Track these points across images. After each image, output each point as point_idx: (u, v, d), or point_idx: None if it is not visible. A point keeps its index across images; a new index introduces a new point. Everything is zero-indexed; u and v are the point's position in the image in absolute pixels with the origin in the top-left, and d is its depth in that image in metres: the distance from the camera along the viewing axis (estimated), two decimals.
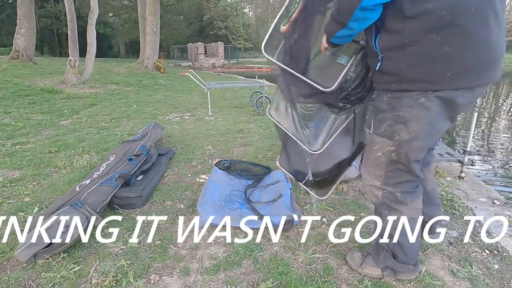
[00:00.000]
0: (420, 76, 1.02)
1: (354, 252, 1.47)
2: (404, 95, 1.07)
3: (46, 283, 1.34)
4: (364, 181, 1.30)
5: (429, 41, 0.97)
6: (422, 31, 0.98)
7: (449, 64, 0.98)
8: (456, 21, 0.95)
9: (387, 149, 1.16)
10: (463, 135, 4.95)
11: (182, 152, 3.01)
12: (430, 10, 0.95)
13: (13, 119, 4.14)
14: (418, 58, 1.00)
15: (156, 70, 10.99)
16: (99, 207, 1.75)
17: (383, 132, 1.16)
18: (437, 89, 1.02)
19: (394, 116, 1.11)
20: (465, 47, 0.97)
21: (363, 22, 1.04)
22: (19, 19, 10.01)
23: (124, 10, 26.60)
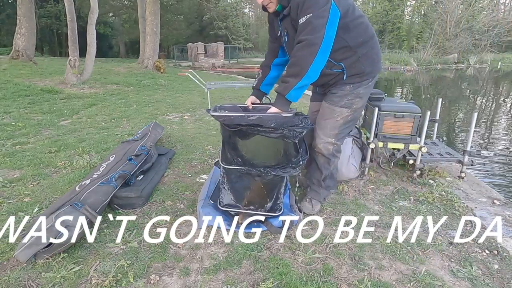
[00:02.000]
0: (371, 70, 1.71)
1: (304, 204, 1.89)
2: (362, 83, 1.72)
3: (46, 283, 1.34)
4: (319, 139, 1.76)
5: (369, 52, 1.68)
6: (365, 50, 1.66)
7: (378, 61, 1.76)
8: (373, 36, 1.71)
9: (345, 115, 1.74)
10: (463, 135, 4.95)
11: (182, 152, 3.01)
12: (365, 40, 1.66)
13: (13, 119, 4.14)
14: (368, 62, 1.68)
15: (156, 70, 10.98)
16: (99, 207, 1.75)
17: (344, 104, 1.73)
18: (375, 76, 1.78)
19: (354, 94, 1.72)
20: (379, 49, 1.77)
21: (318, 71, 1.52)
22: (19, 19, 10.01)
23: (124, 10, 26.59)
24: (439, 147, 2.69)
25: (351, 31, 1.58)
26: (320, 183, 1.90)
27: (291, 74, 1.50)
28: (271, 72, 1.93)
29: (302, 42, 1.45)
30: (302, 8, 1.45)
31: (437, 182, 2.33)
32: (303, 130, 1.50)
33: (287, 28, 1.62)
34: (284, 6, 1.56)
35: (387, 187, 2.31)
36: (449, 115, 6.62)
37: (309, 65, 1.45)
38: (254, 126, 1.48)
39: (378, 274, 1.42)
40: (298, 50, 1.47)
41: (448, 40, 21.50)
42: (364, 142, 2.50)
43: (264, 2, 1.60)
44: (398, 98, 2.58)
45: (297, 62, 1.48)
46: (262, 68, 1.95)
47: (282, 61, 1.92)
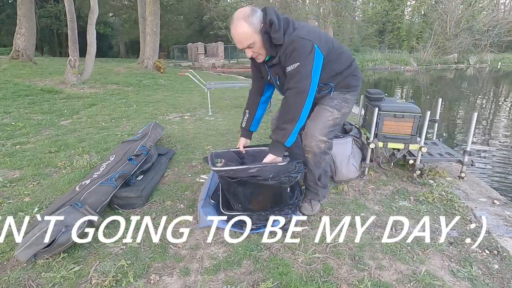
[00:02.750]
0: (357, 84, 1.91)
1: (303, 205, 1.91)
2: (349, 92, 1.89)
3: (46, 283, 1.34)
4: (312, 137, 1.77)
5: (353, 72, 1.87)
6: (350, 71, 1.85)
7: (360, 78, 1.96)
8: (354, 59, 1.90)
9: (335, 116, 1.83)
10: (463, 135, 4.95)
11: (182, 152, 3.01)
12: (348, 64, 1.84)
13: (13, 119, 4.14)
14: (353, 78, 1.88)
15: (156, 70, 10.98)
16: (99, 207, 1.75)
17: (334, 105, 1.83)
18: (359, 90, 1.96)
19: (343, 99, 1.86)
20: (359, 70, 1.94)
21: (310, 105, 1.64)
22: (19, 19, 10.01)
23: (124, 10, 26.60)
24: (439, 147, 2.69)
25: (336, 61, 1.77)
26: (316, 183, 1.90)
27: (287, 121, 1.63)
28: (258, 111, 2.02)
29: (292, 89, 1.60)
30: (290, 57, 1.57)
31: (437, 182, 2.33)
32: (297, 175, 1.67)
33: (278, 73, 1.72)
34: (273, 56, 1.65)
35: (387, 187, 2.31)
36: (449, 115, 6.62)
37: (301, 110, 1.60)
38: (253, 176, 1.62)
39: (378, 274, 1.42)
40: (290, 98, 1.62)
41: (448, 40, 21.50)
42: (364, 142, 2.50)
43: (253, 55, 1.65)
44: (398, 98, 2.58)
45: (290, 110, 1.62)
46: (249, 108, 2.02)
47: (266, 98, 2.04)
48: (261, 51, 1.63)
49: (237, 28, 1.54)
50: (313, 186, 1.91)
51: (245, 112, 2.04)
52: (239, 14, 1.55)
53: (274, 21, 1.55)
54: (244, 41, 1.56)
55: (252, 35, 1.55)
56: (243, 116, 2.04)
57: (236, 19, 1.55)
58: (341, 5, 22.45)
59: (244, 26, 1.53)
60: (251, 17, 1.54)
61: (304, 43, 1.56)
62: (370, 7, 29.70)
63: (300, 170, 1.69)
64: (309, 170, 1.85)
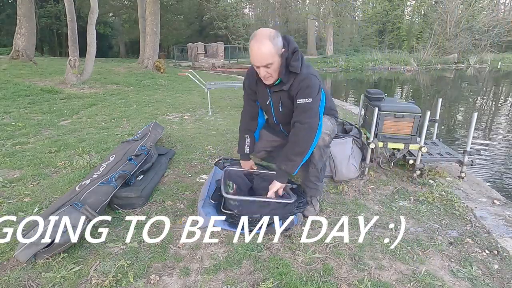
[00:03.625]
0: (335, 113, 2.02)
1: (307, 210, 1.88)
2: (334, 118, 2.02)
3: (46, 283, 1.34)
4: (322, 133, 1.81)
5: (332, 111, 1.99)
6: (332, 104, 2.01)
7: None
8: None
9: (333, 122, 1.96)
10: (463, 135, 4.95)
11: (182, 152, 3.01)
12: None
13: (13, 119, 4.14)
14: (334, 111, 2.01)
15: (156, 70, 10.98)
16: (99, 207, 1.75)
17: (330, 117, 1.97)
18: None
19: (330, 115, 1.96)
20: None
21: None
22: (19, 19, 10.01)
23: (124, 10, 26.60)
24: (439, 147, 2.69)
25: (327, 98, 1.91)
26: (318, 178, 1.91)
27: (297, 153, 1.71)
28: (256, 135, 2.10)
29: (304, 124, 1.68)
30: (304, 91, 1.67)
31: (437, 182, 2.33)
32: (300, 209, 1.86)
33: (283, 101, 1.79)
34: (284, 82, 1.71)
35: (387, 187, 2.31)
36: (449, 115, 6.62)
37: (310, 145, 1.70)
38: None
39: (378, 274, 1.42)
40: (301, 131, 1.69)
41: (448, 40, 21.48)
42: (364, 142, 2.50)
43: (266, 75, 1.67)
44: (398, 98, 2.58)
45: (300, 143, 1.70)
46: (248, 133, 2.05)
47: (260, 124, 2.12)
48: (274, 73, 1.68)
49: (261, 47, 1.56)
50: (314, 182, 1.92)
51: (244, 138, 2.05)
52: (265, 33, 1.58)
53: (298, 50, 1.67)
54: (265, 60, 1.59)
55: (274, 56, 1.59)
56: (243, 142, 2.05)
57: (260, 37, 1.56)
58: (341, 5, 22.46)
59: (269, 46, 1.56)
60: (276, 39, 1.59)
61: (316, 82, 1.69)
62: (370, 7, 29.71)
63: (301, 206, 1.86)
64: (313, 165, 1.87)
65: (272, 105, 1.87)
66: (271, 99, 1.85)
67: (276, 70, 1.67)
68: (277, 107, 1.85)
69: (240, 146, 2.07)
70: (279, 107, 1.84)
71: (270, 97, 1.84)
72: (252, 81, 1.89)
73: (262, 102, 1.92)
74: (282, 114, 1.86)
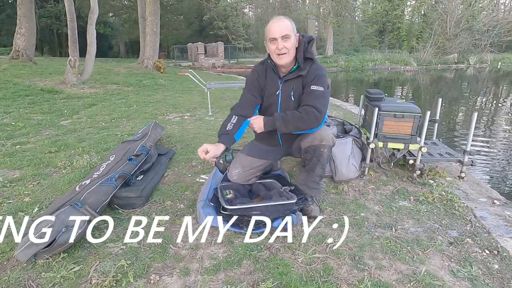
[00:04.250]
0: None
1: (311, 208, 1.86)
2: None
3: (46, 283, 1.34)
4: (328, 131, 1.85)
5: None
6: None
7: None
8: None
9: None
10: (463, 135, 4.95)
11: (182, 152, 3.01)
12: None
13: (13, 119, 4.14)
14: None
15: (156, 70, 10.98)
16: (99, 207, 1.75)
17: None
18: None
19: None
20: None
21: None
22: (19, 19, 10.01)
23: (124, 10, 26.59)
24: (439, 147, 2.69)
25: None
26: (321, 177, 1.93)
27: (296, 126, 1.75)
28: (244, 125, 1.84)
29: (315, 108, 1.70)
30: (319, 80, 1.74)
31: (437, 182, 2.33)
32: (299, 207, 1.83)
33: (295, 89, 1.81)
34: (301, 68, 1.77)
35: (387, 187, 2.31)
36: (449, 115, 6.62)
37: (308, 129, 1.77)
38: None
39: (378, 274, 1.42)
40: (310, 113, 1.70)
41: (448, 40, 21.49)
42: (364, 142, 2.50)
43: (283, 50, 1.71)
44: (398, 98, 2.58)
45: (306, 122, 1.72)
46: (238, 116, 1.82)
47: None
48: (291, 50, 1.73)
49: (280, 20, 1.71)
50: (317, 182, 1.92)
51: (232, 116, 1.82)
52: (284, 17, 1.74)
53: (314, 39, 1.81)
54: (284, 31, 1.69)
55: (292, 30, 1.71)
56: (228, 120, 1.82)
57: (279, 17, 1.74)
58: (341, 5, 22.47)
59: (287, 21, 1.72)
60: (293, 22, 1.75)
61: (327, 76, 1.80)
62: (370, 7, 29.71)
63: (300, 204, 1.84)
64: (321, 165, 1.86)
65: (280, 96, 1.84)
66: (281, 90, 1.84)
67: (292, 47, 1.72)
68: (287, 97, 1.82)
69: (223, 123, 1.82)
70: (290, 97, 1.82)
71: (280, 87, 1.84)
72: (261, 73, 1.89)
73: (269, 95, 1.87)
74: (291, 105, 1.81)
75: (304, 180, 1.93)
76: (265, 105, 1.94)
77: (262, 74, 1.89)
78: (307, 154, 1.85)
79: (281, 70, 1.85)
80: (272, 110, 1.90)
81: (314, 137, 1.81)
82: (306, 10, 27.97)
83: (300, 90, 1.80)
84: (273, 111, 1.88)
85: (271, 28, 1.70)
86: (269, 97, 1.89)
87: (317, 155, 1.82)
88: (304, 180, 1.93)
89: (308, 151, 1.84)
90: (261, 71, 1.90)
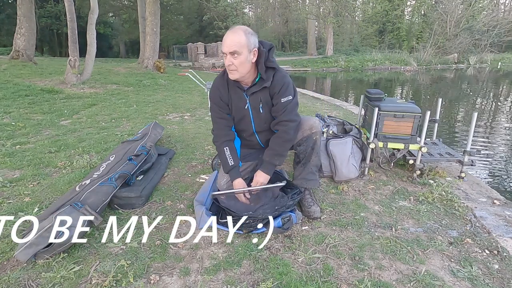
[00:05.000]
0: None
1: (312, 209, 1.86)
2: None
3: (46, 283, 1.34)
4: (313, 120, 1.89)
5: None
6: None
7: None
8: None
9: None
10: (463, 135, 4.95)
11: (182, 152, 3.01)
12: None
13: (13, 119, 4.14)
14: None
15: (156, 70, 10.98)
16: (99, 207, 1.75)
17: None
18: None
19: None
20: None
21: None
22: (19, 19, 10.00)
23: (124, 10, 26.62)
24: (439, 147, 2.69)
25: None
26: (317, 166, 1.95)
27: (287, 148, 1.82)
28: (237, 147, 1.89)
29: (294, 122, 1.76)
30: (286, 90, 1.72)
31: (437, 182, 2.33)
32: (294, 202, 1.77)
33: (263, 101, 1.77)
34: (264, 78, 1.71)
35: (387, 187, 2.31)
36: (449, 115, 6.62)
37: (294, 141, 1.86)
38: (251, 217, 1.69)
39: (378, 274, 1.42)
40: (291, 129, 1.76)
41: (448, 40, 21.49)
42: (364, 142, 2.50)
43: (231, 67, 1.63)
44: (398, 98, 2.58)
45: (292, 140, 1.81)
46: (226, 144, 1.83)
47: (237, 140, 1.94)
48: (240, 67, 1.64)
49: (233, 34, 1.61)
50: (314, 172, 1.93)
51: (223, 150, 1.82)
52: (241, 26, 1.64)
53: (274, 47, 1.75)
54: (233, 46, 1.60)
55: (243, 46, 1.60)
56: (223, 155, 1.82)
57: (236, 28, 1.63)
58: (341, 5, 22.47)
59: (240, 35, 1.60)
60: (250, 35, 1.63)
61: (292, 83, 1.78)
62: (370, 7, 29.73)
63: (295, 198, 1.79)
64: (315, 153, 1.90)
65: (250, 109, 1.80)
66: (249, 103, 1.78)
67: (242, 64, 1.63)
68: (257, 109, 1.78)
69: (222, 162, 1.84)
70: (259, 109, 1.78)
71: (248, 100, 1.77)
72: (223, 91, 1.79)
73: (238, 109, 1.81)
74: (263, 117, 1.81)
75: (301, 174, 1.94)
76: (237, 119, 1.87)
77: (224, 89, 1.80)
78: (301, 146, 1.88)
79: (243, 82, 1.76)
80: (246, 122, 1.86)
81: (303, 129, 1.86)
82: (306, 10, 27.95)
83: (268, 101, 1.76)
84: (247, 123, 1.86)
85: (222, 42, 1.64)
86: (238, 110, 1.82)
87: (311, 144, 1.87)
88: (301, 174, 1.94)
89: (302, 143, 1.88)
90: (221, 85, 1.80)
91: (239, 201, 1.86)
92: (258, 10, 39.65)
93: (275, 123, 1.79)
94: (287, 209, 1.73)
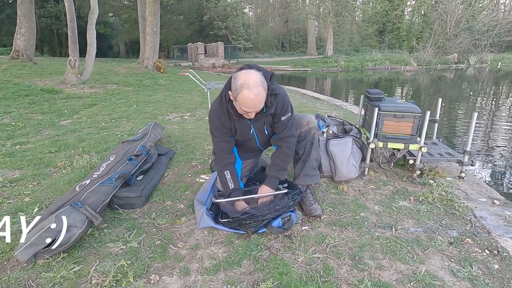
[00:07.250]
0: None
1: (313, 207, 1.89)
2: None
3: (46, 283, 1.34)
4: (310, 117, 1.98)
5: None
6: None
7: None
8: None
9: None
10: (463, 135, 4.95)
11: (182, 152, 3.01)
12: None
13: (13, 119, 4.14)
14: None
15: (156, 70, 10.98)
16: (99, 207, 1.74)
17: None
18: None
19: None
20: None
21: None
22: (19, 19, 10.00)
23: (124, 10, 26.62)
24: (439, 147, 2.69)
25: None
26: (317, 160, 1.99)
27: (289, 161, 1.89)
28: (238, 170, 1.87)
29: (294, 137, 1.85)
30: (286, 109, 1.76)
31: (437, 182, 2.33)
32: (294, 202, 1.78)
33: (267, 123, 1.80)
34: (269, 106, 1.67)
35: (387, 187, 2.31)
36: (449, 115, 6.62)
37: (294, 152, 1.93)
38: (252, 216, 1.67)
39: (378, 274, 1.42)
40: (293, 144, 1.85)
41: (448, 40, 21.48)
42: (364, 142, 2.50)
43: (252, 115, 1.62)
44: (398, 98, 2.58)
45: (293, 154, 1.90)
46: (227, 168, 1.82)
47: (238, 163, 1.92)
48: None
49: (258, 96, 1.52)
50: (314, 167, 1.97)
51: (224, 174, 1.81)
52: (256, 82, 1.51)
53: (273, 74, 1.70)
54: (260, 106, 1.57)
55: (264, 98, 1.57)
56: (224, 179, 1.81)
57: (254, 87, 1.50)
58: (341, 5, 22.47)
59: (263, 93, 1.54)
60: (264, 82, 1.55)
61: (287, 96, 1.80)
62: (370, 7, 29.72)
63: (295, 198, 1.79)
64: (315, 148, 1.97)
65: (255, 133, 1.82)
66: (253, 128, 1.79)
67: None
68: (262, 131, 1.81)
69: (222, 184, 1.84)
70: (264, 131, 1.81)
71: (252, 126, 1.78)
72: (224, 116, 1.74)
73: (243, 134, 1.81)
74: (267, 135, 1.85)
75: (302, 170, 1.96)
76: (241, 140, 1.88)
77: (225, 117, 1.74)
78: (300, 143, 1.94)
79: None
80: (251, 142, 1.88)
81: (301, 125, 1.94)
82: (306, 10, 27.97)
83: (271, 121, 1.78)
84: (252, 142, 1.89)
85: (246, 103, 1.52)
86: (242, 135, 1.82)
87: (310, 139, 1.95)
88: (302, 170, 1.96)
89: (301, 140, 1.93)
90: (222, 114, 1.73)
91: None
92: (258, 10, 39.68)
93: (277, 139, 1.84)
94: (287, 210, 1.73)
